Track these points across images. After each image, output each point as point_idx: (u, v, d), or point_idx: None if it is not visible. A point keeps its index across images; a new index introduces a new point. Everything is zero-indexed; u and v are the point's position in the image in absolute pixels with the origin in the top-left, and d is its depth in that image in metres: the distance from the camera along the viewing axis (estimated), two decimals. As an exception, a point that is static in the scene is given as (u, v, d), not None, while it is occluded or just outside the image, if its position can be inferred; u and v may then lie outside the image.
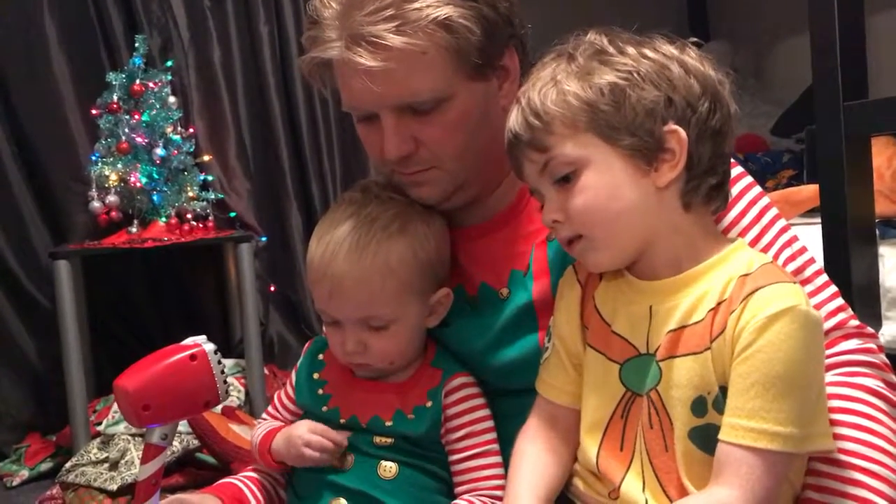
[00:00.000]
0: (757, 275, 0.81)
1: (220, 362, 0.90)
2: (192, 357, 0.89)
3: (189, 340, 0.91)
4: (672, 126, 0.84)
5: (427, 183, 1.02)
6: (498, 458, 1.03)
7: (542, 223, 0.89)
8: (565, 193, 0.85)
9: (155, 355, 0.90)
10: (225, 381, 0.91)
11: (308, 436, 1.00)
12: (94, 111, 2.49)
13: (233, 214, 2.81)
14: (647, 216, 0.85)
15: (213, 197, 2.61)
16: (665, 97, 0.84)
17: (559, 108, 0.84)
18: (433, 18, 0.92)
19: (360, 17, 0.92)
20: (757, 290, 0.79)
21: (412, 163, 1.00)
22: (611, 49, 0.87)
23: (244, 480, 1.11)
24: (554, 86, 0.86)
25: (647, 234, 0.86)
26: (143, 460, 0.91)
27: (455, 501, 1.01)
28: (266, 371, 2.59)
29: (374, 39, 0.91)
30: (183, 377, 0.88)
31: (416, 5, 0.92)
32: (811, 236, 1.36)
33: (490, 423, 1.04)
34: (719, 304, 0.81)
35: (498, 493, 0.99)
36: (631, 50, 0.86)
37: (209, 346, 0.90)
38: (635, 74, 0.84)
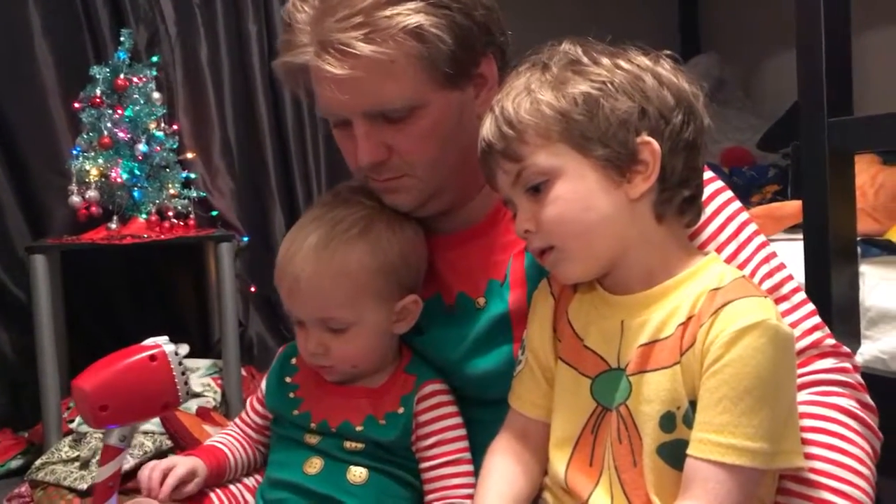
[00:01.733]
0: (728, 289, 0.80)
1: (180, 363, 0.89)
2: (152, 358, 0.87)
3: (150, 341, 0.89)
4: (645, 137, 0.83)
5: (399, 190, 1.02)
6: (469, 467, 1.02)
7: (516, 233, 0.88)
8: (538, 203, 0.85)
9: (114, 355, 0.88)
10: (186, 383, 0.89)
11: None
12: (76, 105, 2.46)
13: (215, 213, 2.79)
14: (620, 227, 0.84)
15: (195, 195, 2.59)
16: (639, 108, 0.83)
17: (532, 118, 0.84)
18: (403, 27, 0.91)
19: (331, 23, 0.91)
20: (727, 303, 0.78)
21: (385, 170, 1.00)
22: (585, 59, 0.86)
23: (212, 486, 1.09)
24: (527, 95, 0.85)
25: (619, 245, 0.85)
26: (101, 462, 0.89)
27: None
28: (244, 372, 2.57)
29: (342, 47, 0.91)
30: (142, 378, 0.87)
31: (387, 13, 0.91)
32: (794, 252, 1.36)
33: (462, 432, 1.03)
34: (689, 318, 0.81)
35: (467, 501, 0.98)
36: (605, 60, 0.86)
37: (169, 347, 0.88)
38: (609, 85, 0.84)
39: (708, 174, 0.99)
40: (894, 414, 0.96)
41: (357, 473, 1.00)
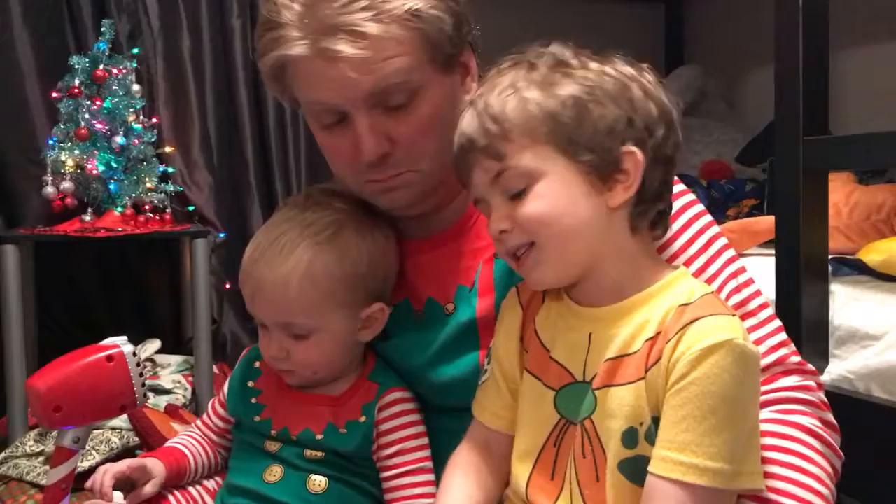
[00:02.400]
0: (696, 305, 0.80)
1: (139, 364, 0.87)
2: (109, 358, 0.86)
3: (108, 341, 0.88)
4: (630, 147, 0.83)
5: (400, 187, 1.00)
6: (430, 477, 1.01)
7: (489, 232, 0.87)
8: (517, 203, 0.83)
9: (71, 355, 0.87)
10: (144, 385, 0.88)
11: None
12: (54, 94, 2.43)
13: (192, 208, 2.76)
14: (597, 235, 0.83)
15: (172, 189, 2.56)
16: (626, 117, 0.83)
17: (519, 116, 0.82)
18: (407, 8, 0.91)
19: (333, 9, 0.90)
20: (694, 320, 0.78)
21: (388, 166, 0.98)
22: (574, 62, 0.85)
23: (171, 488, 1.07)
24: (514, 93, 0.83)
25: (594, 253, 0.84)
26: (53, 463, 0.88)
27: None
28: (216, 370, 2.55)
29: (352, 28, 0.90)
30: (98, 379, 0.85)
31: None
32: (767, 268, 1.36)
33: (423, 441, 1.03)
34: (657, 334, 0.80)
35: None
36: (594, 65, 0.85)
37: (128, 348, 0.87)
38: (598, 90, 0.83)
39: (679, 187, 0.99)
40: (860, 433, 0.97)
41: (317, 482, 0.99)
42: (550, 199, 0.82)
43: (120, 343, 0.87)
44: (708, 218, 1.00)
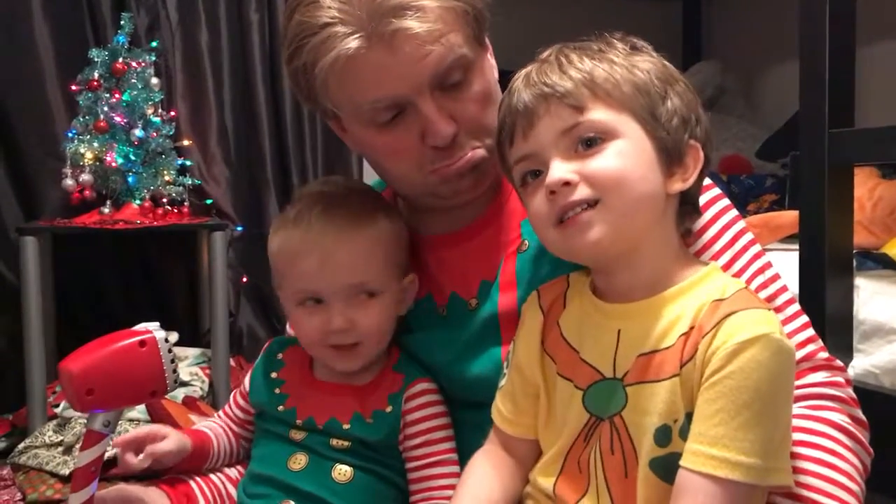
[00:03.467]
0: (731, 300, 0.79)
1: (170, 351, 0.87)
2: (142, 343, 0.86)
3: (140, 326, 0.88)
4: (694, 142, 0.83)
5: (470, 171, 0.99)
6: (455, 468, 1.01)
7: (548, 184, 0.81)
8: (587, 157, 0.81)
9: (104, 339, 0.86)
10: (175, 371, 0.87)
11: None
12: (73, 87, 2.44)
13: (209, 202, 2.77)
14: (655, 214, 0.83)
15: (189, 182, 2.58)
16: (694, 113, 0.84)
17: (607, 79, 0.82)
18: None
19: None
20: (730, 315, 0.77)
21: (456, 147, 0.97)
22: (640, 47, 0.86)
23: (192, 475, 1.08)
24: (601, 57, 0.83)
25: (645, 234, 0.82)
26: (83, 446, 0.88)
27: None
28: (233, 363, 2.56)
29: (413, 4, 0.89)
30: (130, 363, 0.85)
31: None
32: (789, 263, 1.35)
33: (449, 432, 1.02)
34: (691, 329, 0.79)
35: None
36: (654, 55, 0.86)
37: (160, 334, 0.87)
38: (672, 77, 0.85)
39: (706, 181, 0.98)
40: (885, 429, 0.96)
41: (342, 472, 0.99)
42: (629, 160, 0.80)
43: (152, 329, 0.87)
44: (734, 213, 0.99)
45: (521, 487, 0.92)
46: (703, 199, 0.96)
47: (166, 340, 0.87)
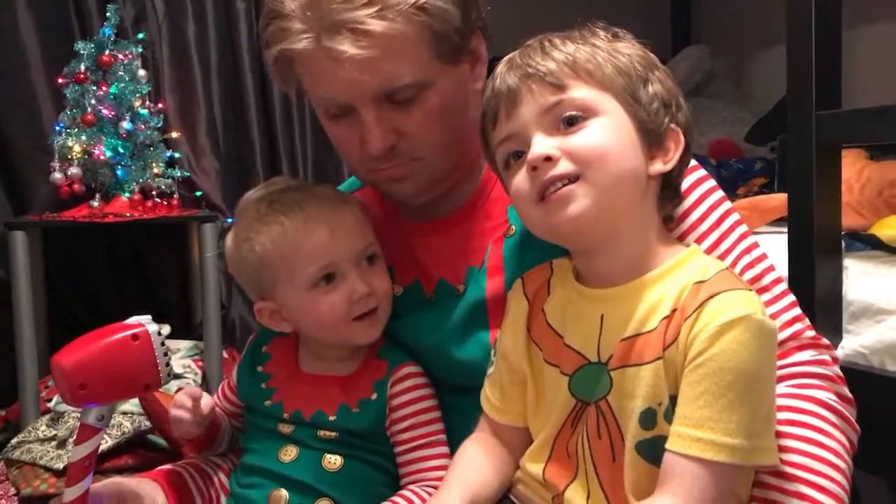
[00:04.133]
0: (712, 282, 0.79)
1: (163, 344, 0.87)
2: (135, 337, 0.85)
3: (133, 319, 0.87)
4: (675, 126, 0.84)
5: (408, 177, 1.00)
6: (444, 449, 1.02)
7: (529, 160, 0.82)
8: (568, 134, 0.81)
9: (96, 333, 0.86)
10: (168, 364, 0.87)
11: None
12: (60, 80, 2.42)
13: (199, 194, 2.76)
14: (636, 194, 0.83)
15: (179, 174, 2.56)
16: (674, 98, 0.85)
17: (589, 61, 0.82)
18: (413, 3, 0.89)
19: (336, 4, 0.88)
20: (711, 297, 0.77)
21: (394, 156, 0.97)
22: (621, 35, 0.87)
23: (185, 467, 1.09)
24: (583, 42, 0.84)
25: (627, 211, 0.83)
26: (77, 441, 0.88)
27: (400, 492, 0.99)
28: (225, 354, 2.55)
29: (356, 26, 0.88)
30: (123, 357, 0.85)
31: None
32: (778, 246, 1.36)
33: (436, 414, 1.03)
34: (673, 311, 0.79)
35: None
36: (636, 44, 0.87)
37: (153, 327, 0.86)
38: (653, 63, 0.86)
39: (692, 163, 0.99)
40: (874, 409, 0.97)
41: (332, 461, 0.99)
42: (610, 136, 0.81)
43: (145, 322, 0.86)
44: (720, 193, 1.00)
45: (511, 474, 0.93)
46: (688, 181, 0.96)
47: (159, 333, 0.87)
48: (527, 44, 0.87)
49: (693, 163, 0.99)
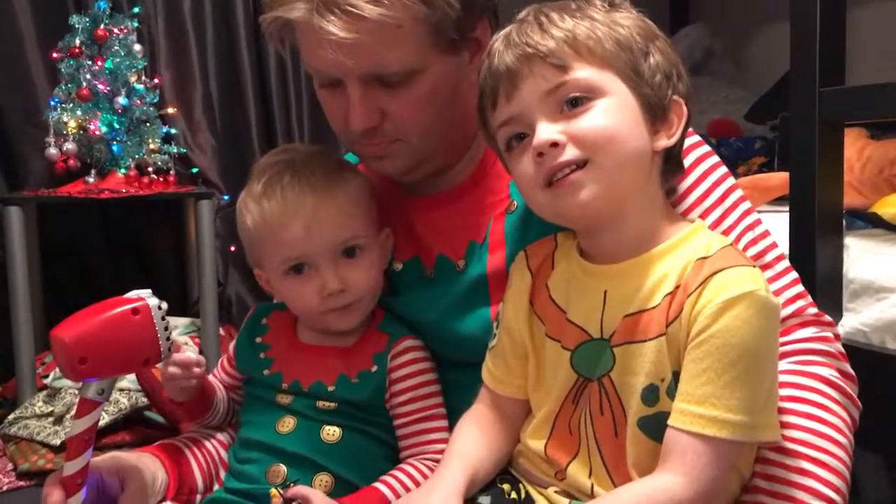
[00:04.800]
0: (715, 258, 0.79)
1: (164, 318, 0.86)
2: (135, 311, 0.85)
3: (133, 294, 0.87)
4: (678, 98, 0.83)
5: (390, 156, 1.00)
6: (443, 423, 1.02)
7: (535, 146, 0.80)
8: (573, 117, 0.80)
9: (96, 307, 0.85)
10: (168, 339, 0.87)
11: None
12: (54, 54, 2.40)
13: (195, 170, 2.74)
14: (642, 172, 0.82)
15: (175, 151, 2.55)
16: (675, 68, 0.83)
17: (589, 37, 0.80)
18: None
19: None
20: (715, 273, 0.77)
21: (377, 135, 0.97)
22: (619, 4, 0.85)
23: (185, 441, 1.08)
24: (581, 16, 0.82)
25: (633, 192, 0.82)
26: (77, 415, 0.87)
27: (399, 466, 0.99)
28: (222, 332, 2.55)
29: (349, 8, 0.86)
30: (123, 331, 0.84)
31: None
32: (778, 224, 1.35)
33: (436, 388, 1.03)
34: (677, 287, 0.79)
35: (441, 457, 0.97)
36: (633, 12, 0.85)
37: (153, 301, 0.86)
38: (653, 33, 0.84)
39: (694, 138, 0.98)
40: (874, 386, 0.97)
41: (331, 432, 0.99)
42: (615, 118, 0.79)
43: (145, 296, 0.86)
44: (724, 170, 0.99)
45: (512, 446, 0.93)
46: (691, 157, 0.96)
47: (159, 308, 0.86)
48: (521, 18, 0.85)
49: (696, 138, 0.98)
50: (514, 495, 0.88)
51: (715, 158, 0.99)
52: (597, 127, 0.79)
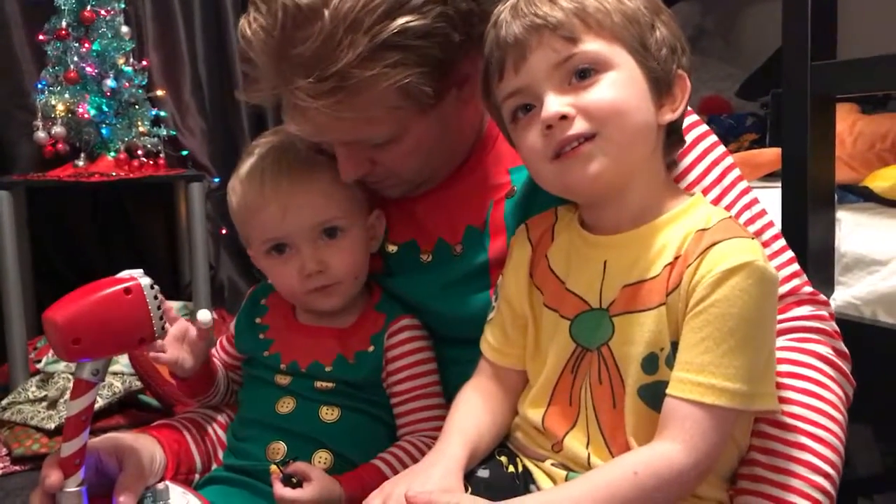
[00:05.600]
0: (715, 229, 0.79)
1: (156, 297, 0.86)
2: (127, 291, 0.84)
3: (125, 273, 0.86)
4: (682, 72, 0.83)
5: (387, 189, 1.02)
6: (440, 400, 1.02)
7: (544, 118, 0.79)
8: (581, 89, 0.79)
9: (88, 287, 0.85)
10: (161, 318, 0.86)
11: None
12: (41, 36, 2.38)
13: (185, 153, 2.73)
14: (649, 145, 0.82)
15: (164, 133, 2.54)
16: (679, 42, 0.83)
17: (599, 9, 0.80)
18: (383, 88, 0.85)
19: (302, 83, 0.84)
20: (714, 244, 0.77)
21: (370, 177, 0.99)
22: None
23: (182, 421, 1.08)
24: None
25: (639, 164, 0.82)
26: (73, 396, 0.87)
27: (397, 443, 1.00)
28: (215, 315, 2.55)
29: (320, 110, 0.85)
30: (116, 311, 0.83)
31: (367, 74, 0.83)
32: (770, 200, 1.36)
33: (432, 366, 1.04)
34: (676, 258, 0.79)
35: (439, 434, 0.98)
36: None
37: (145, 281, 0.85)
38: (657, 7, 0.83)
39: (693, 117, 0.98)
40: (865, 360, 0.97)
41: (329, 412, 1.00)
42: (624, 91, 0.79)
43: (137, 276, 0.85)
44: (722, 149, 0.99)
45: (511, 418, 0.93)
46: (690, 136, 0.96)
47: (152, 287, 0.86)
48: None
49: (695, 117, 0.98)
50: (511, 468, 0.88)
51: (713, 137, 1.00)
52: (606, 100, 0.79)
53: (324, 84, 0.83)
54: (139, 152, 2.46)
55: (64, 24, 2.35)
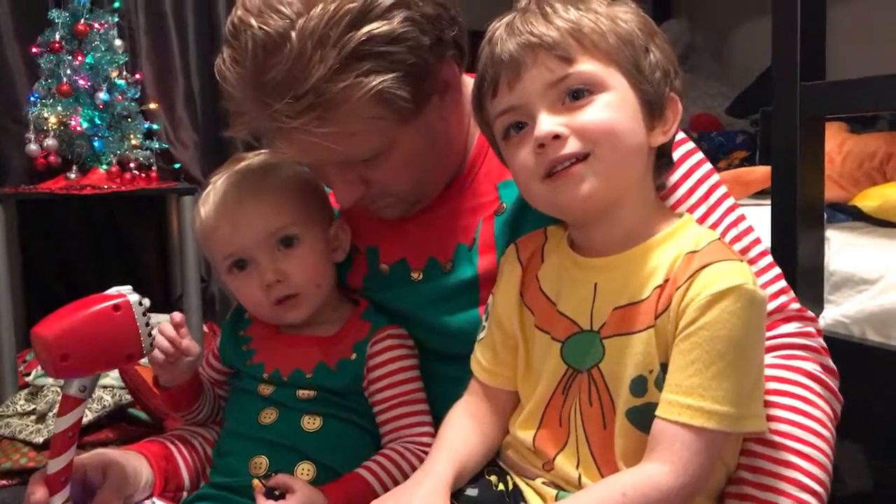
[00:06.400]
0: (704, 252, 0.79)
1: (145, 314, 0.86)
2: (116, 307, 0.84)
3: (113, 290, 0.86)
4: (674, 95, 0.83)
5: (385, 208, 1.01)
6: (423, 407, 1.02)
7: (537, 137, 0.79)
8: (575, 109, 0.80)
9: (77, 304, 0.85)
10: (150, 335, 0.86)
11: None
12: (34, 49, 2.38)
13: (177, 166, 2.73)
14: (640, 167, 0.83)
15: (157, 146, 2.53)
16: (672, 65, 0.84)
17: (594, 31, 0.80)
18: (359, 97, 0.85)
19: (279, 106, 0.85)
20: (704, 267, 0.77)
21: (367, 199, 0.99)
22: None
23: (171, 439, 1.08)
24: (585, 9, 0.81)
25: (629, 186, 0.82)
26: (60, 412, 0.86)
27: (381, 451, 0.99)
28: (206, 328, 2.54)
29: (299, 134, 0.86)
30: (105, 328, 0.83)
31: (339, 86, 0.84)
32: (760, 218, 1.36)
33: (415, 373, 1.04)
34: (666, 281, 0.79)
35: (423, 439, 0.99)
36: (632, 6, 0.85)
37: (134, 297, 0.85)
38: (653, 29, 0.84)
39: (681, 135, 0.99)
40: (854, 378, 0.98)
41: (311, 421, 0.99)
42: (617, 113, 0.79)
43: (126, 292, 0.85)
44: (708, 166, 1.00)
45: (500, 438, 0.93)
46: (677, 154, 0.96)
47: (140, 304, 0.86)
48: (522, 6, 0.84)
49: (682, 135, 0.99)
50: (501, 487, 0.88)
51: (700, 155, 1.00)
52: (599, 121, 0.79)
53: (300, 102, 0.84)
54: (131, 165, 2.45)
55: (57, 37, 2.35)
